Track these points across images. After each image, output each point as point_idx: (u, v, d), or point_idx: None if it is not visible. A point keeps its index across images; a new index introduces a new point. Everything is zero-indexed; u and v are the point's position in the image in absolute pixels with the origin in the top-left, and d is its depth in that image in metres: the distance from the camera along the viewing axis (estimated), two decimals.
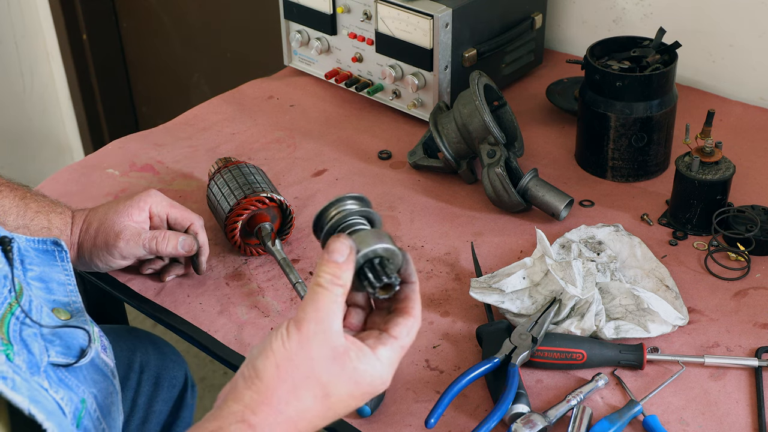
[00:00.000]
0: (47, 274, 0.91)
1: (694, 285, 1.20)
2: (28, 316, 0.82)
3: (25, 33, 2.72)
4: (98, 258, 1.15)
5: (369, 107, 1.61)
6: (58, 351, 0.84)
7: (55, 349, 0.83)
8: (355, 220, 0.84)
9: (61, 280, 0.92)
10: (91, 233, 1.15)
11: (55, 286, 0.91)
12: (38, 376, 0.80)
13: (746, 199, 1.34)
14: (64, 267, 0.93)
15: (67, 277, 0.93)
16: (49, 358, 0.82)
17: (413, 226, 1.32)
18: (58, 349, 0.84)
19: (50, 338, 0.84)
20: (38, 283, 0.89)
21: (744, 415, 1.02)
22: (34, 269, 0.89)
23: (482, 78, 1.36)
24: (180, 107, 1.77)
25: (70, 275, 0.93)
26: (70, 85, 2.78)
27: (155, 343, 1.40)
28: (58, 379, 0.82)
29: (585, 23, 1.72)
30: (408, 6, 1.45)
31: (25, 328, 0.81)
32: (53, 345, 0.84)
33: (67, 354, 0.85)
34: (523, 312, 1.13)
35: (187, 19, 2.53)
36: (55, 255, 0.92)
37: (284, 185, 1.41)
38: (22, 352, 0.79)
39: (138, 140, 1.54)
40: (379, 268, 0.82)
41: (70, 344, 0.86)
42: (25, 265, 0.88)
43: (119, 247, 1.14)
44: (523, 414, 1.01)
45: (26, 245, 0.89)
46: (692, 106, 1.55)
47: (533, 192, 1.31)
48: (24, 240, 0.89)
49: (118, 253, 1.15)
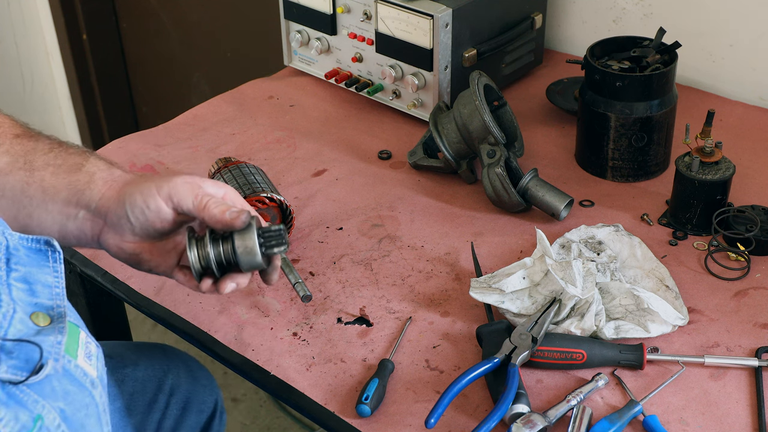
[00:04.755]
0: (33, 275, 0.86)
1: (694, 285, 1.20)
2: None
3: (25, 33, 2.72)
4: (139, 197, 1.00)
5: (369, 107, 1.61)
6: (11, 365, 0.78)
7: (9, 363, 0.77)
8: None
9: (47, 282, 0.87)
10: (138, 175, 1.04)
11: (39, 288, 0.86)
12: None
13: (746, 199, 1.34)
14: (54, 268, 0.88)
15: (56, 279, 0.87)
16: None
17: (413, 226, 1.32)
18: (13, 362, 0.78)
19: (9, 349, 0.78)
20: (21, 284, 0.84)
21: (744, 415, 1.02)
22: (19, 269, 0.85)
23: (482, 78, 1.36)
24: (180, 107, 1.77)
25: (59, 277, 0.88)
26: (70, 85, 2.78)
27: (189, 365, 1.36)
28: (7, 396, 0.77)
29: (585, 23, 1.72)
30: (408, 6, 1.45)
31: None
32: (9, 358, 0.78)
33: (23, 368, 0.78)
34: (523, 312, 1.13)
35: (187, 19, 2.53)
36: (47, 255, 0.87)
37: (284, 185, 1.41)
38: None
39: (138, 140, 1.54)
40: None
41: (29, 358, 0.79)
42: (11, 265, 0.84)
43: (172, 185, 1.00)
44: (523, 414, 1.01)
45: (17, 243, 0.85)
46: (692, 106, 1.55)
47: (533, 192, 1.31)
48: (17, 238, 0.85)
49: (165, 193, 1.00)
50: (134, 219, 1.00)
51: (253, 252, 0.97)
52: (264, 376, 1.11)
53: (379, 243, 1.29)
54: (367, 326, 1.16)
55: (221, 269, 1.00)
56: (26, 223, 1.00)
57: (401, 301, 1.19)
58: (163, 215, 1.00)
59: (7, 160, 1.00)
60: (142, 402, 1.28)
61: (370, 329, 1.16)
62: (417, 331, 1.15)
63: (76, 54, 2.69)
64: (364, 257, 1.27)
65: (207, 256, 0.98)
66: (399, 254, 1.27)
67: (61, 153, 1.03)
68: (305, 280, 1.22)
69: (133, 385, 1.28)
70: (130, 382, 1.28)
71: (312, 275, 1.24)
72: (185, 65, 2.62)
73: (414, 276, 1.23)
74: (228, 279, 1.01)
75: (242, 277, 1.02)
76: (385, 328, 1.16)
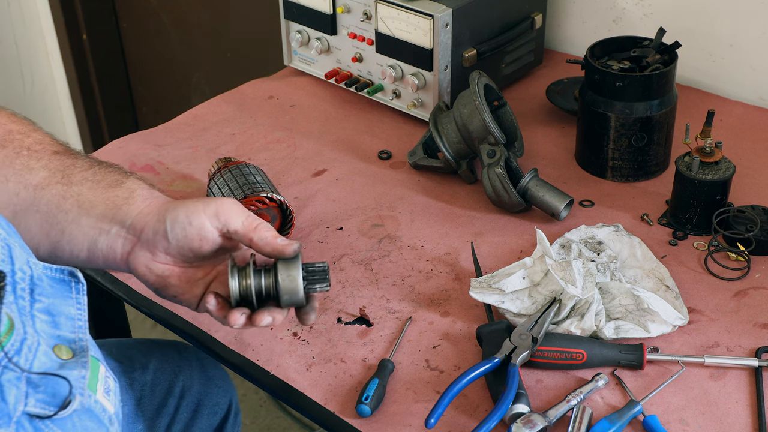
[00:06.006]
0: (57, 307, 0.84)
1: (694, 285, 1.20)
2: (10, 359, 0.75)
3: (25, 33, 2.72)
4: (183, 213, 0.97)
5: (369, 107, 1.61)
6: (39, 399, 0.77)
7: (36, 397, 0.77)
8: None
9: (70, 314, 0.85)
10: (182, 199, 1.02)
11: (62, 321, 0.84)
12: (6, 428, 0.73)
13: (746, 199, 1.34)
14: (77, 300, 0.86)
15: (79, 311, 0.85)
16: (26, 407, 0.75)
17: (413, 226, 1.32)
18: (40, 396, 0.77)
19: (36, 383, 0.77)
20: (45, 315, 0.83)
21: (744, 415, 1.02)
22: (43, 300, 0.83)
23: (482, 78, 1.36)
24: (180, 107, 1.77)
25: (82, 310, 0.86)
26: (70, 85, 2.78)
27: (202, 364, 1.34)
28: (34, 430, 0.76)
29: (585, 23, 1.72)
30: (408, 6, 1.45)
31: (6, 371, 0.74)
32: (36, 392, 0.77)
33: (50, 403, 0.77)
34: (523, 312, 1.13)
35: (187, 19, 2.53)
36: (70, 286, 0.85)
37: (284, 185, 1.41)
38: None
39: (138, 140, 1.54)
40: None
41: (55, 392, 0.78)
42: (35, 296, 0.82)
43: (220, 203, 0.98)
44: (523, 414, 1.01)
45: (41, 273, 0.83)
46: (692, 106, 1.55)
47: (533, 192, 1.31)
48: (41, 267, 0.83)
49: (212, 211, 0.97)
50: (172, 236, 0.97)
51: (295, 286, 0.94)
52: (264, 376, 1.11)
53: (379, 243, 1.29)
54: (367, 326, 1.16)
55: (259, 302, 0.97)
56: (57, 239, 0.99)
57: (401, 301, 1.19)
58: (204, 233, 0.97)
59: (45, 174, 0.99)
60: (150, 406, 1.27)
61: (370, 329, 1.16)
62: (417, 331, 1.15)
63: (76, 54, 2.69)
64: (364, 257, 1.27)
65: (249, 286, 0.95)
66: (399, 254, 1.27)
67: (101, 170, 1.02)
68: None
69: (141, 390, 1.27)
70: (138, 386, 1.27)
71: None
72: (185, 65, 2.62)
73: (414, 276, 1.23)
74: (265, 312, 0.97)
75: (278, 313, 0.97)
76: (385, 328, 1.16)
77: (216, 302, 0.97)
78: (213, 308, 0.97)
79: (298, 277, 0.94)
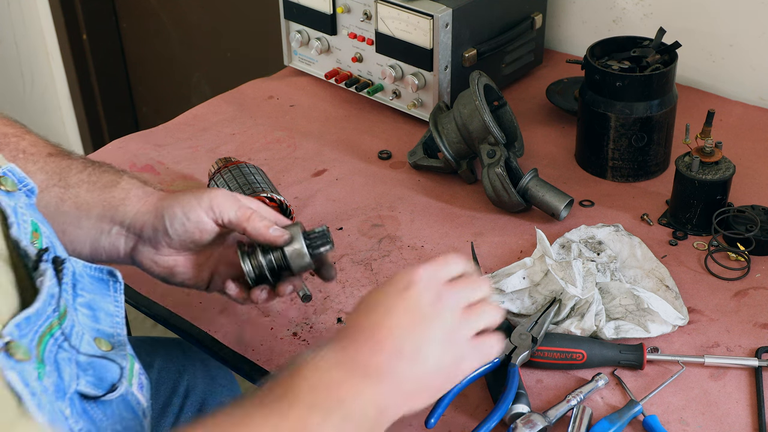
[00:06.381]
0: (97, 302, 0.89)
1: (694, 285, 1.20)
2: (67, 339, 0.80)
3: (25, 33, 2.72)
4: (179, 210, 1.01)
5: (369, 107, 1.61)
6: (88, 381, 0.82)
7: (86, 378, 0.82)
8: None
9: (110, 310, 0.90)
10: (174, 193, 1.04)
11: (102, 316, 0.89)
12: (62, 401, 0.78)
13: (746, 199, 1.34)
14: (115, 298, 0.91)
15: (117, 308, 0.91)
16: (78, 386, 0.80)
17: (413, 226, 1.32)
18: (89, 379, 0.82)
19: (84, 366, 0.82)
20: (86, 310, 0.87)
21: (744, 415, 1.02)
22: (84, 296, 0.87)
23: (482, 78, 1.36)
24: (180, 107, 1.77)
25: (120, 307, 0.91)
26: (70, 85, 2.78)
27: (206, 364, 1.36)
28: (82, 410, 0.80)
29: (585, 23, 1.72)
30: (408, 6, 1.45)
31: (61, 351, 0.79)
32: (86, 374, 0.82)
33: (98, 386, 0.82)
34: (523, 312, 1.13)
35: (187, 19, 2.53)
36: (108, 285, 0.90)
37: (284, 185, 1.41)
38: (53, 374, 0.77)
39: (138, 140, 1.54)
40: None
41: (102, 376, 0.83)
42: (77, 290, 0.86)
43: (212, 196, 1.01)
44: (523, 414, 1.01)
45: (82, 270, 0.87)
46: (692, 106, 1.55)
47: (533, 192, 1.31)
48: (81, 265, 0.87)
49: (206, 204, 1.01)
50: (173, 231, 1.01)
51: (301, 254, 1.02)
52: (264, 376, 1.11)
53: (379, 243, 1.29)
54: None
55: (274, 276, 1.04)
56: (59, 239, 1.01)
57: None
58: (202, 226, 1.01)
59: (42, 177, 1.02)
60: (155, 406, 1.26)
61: None
62: None
63: (76, 54, 2.70)
64: (364, 257, 1.27)
65: (260, 265, 1.03)
66: (399, 254, 1.27)
67: (95, 171, 1.05)
68: (305, 280, 1.22)
69: None
70: None
71: (312, 275, 1.24)
72: (185, 65, 2.62)
73: None
74: (287, 282, 1.05)
75: (297, 279, 1.06)
76: None
77: (235, 287, 1.04)
78: (234, 293, 1.04)
79: (300, 246, 1.02)
